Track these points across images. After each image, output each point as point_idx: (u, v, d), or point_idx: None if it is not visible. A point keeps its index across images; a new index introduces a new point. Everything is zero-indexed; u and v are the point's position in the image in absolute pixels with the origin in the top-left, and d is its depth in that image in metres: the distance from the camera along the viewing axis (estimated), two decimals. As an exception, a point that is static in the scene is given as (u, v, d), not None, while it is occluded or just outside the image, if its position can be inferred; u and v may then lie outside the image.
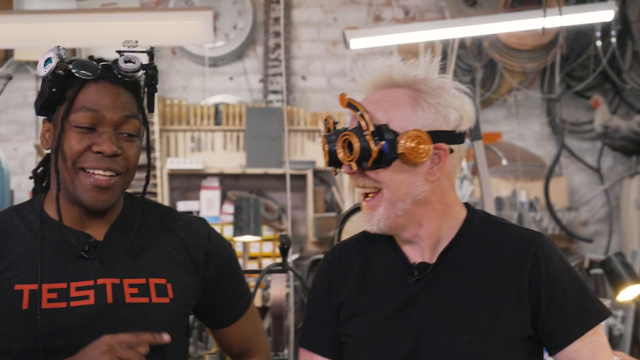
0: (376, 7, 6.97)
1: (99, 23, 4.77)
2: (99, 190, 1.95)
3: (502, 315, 1.90)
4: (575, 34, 6.73)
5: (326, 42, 7.05)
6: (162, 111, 6.62)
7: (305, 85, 7.03)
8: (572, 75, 7.00)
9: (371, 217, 1.94)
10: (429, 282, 1.95)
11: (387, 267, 2.00)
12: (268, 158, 6.60)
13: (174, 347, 2.01)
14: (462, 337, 1.89)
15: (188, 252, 2.07)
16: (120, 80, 1.99)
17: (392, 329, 1.94)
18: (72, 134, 1.93)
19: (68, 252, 1.96)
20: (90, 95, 1.95)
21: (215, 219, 6.63)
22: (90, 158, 1.93)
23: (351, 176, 1.96)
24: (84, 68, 1.94)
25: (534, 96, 7.05)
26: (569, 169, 7.09)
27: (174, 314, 2.01)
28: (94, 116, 1.94)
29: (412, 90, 1.93)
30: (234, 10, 6.93)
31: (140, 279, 1.99)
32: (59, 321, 1.90)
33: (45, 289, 1.92)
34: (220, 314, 2.19)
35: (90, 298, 1.93)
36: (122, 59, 1.99)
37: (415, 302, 1.94)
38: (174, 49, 6.94)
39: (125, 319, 1.94)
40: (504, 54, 6.77)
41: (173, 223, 2.11)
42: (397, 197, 1.91)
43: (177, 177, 6.78)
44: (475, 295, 1.92)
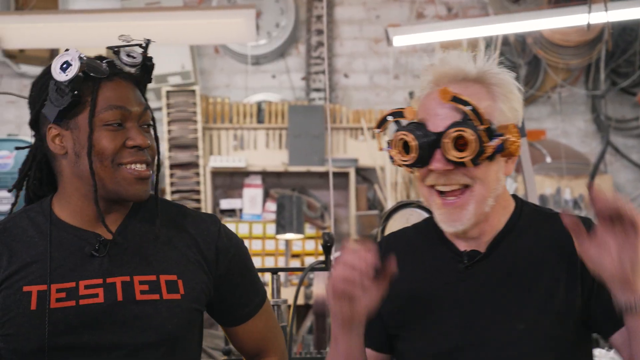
0: (419, 4, 6.95)
1: (142, 22, 4.81)
2: (141, 182, 1.97)
3: (555, 302, 1.88)
4: (620, 29, 6.67)
5: (368, 40, 7.04)
6: (205, 109, 6.65)
7: (347, 83, 7.03)
8: (618, 72, 6.94)
9: (459, 216, 1.89)
10: (479, 270, 1.93)
11: (436, 257, 1.99)
12: (310, 156, 6.60)
13: (187, 344, 2.03)
14: (517, 326, 1.88)
15: (199, 249, 2.07)
16: (129, 75, 2.01)
17: (445, 318, 1.93)
18: (103, 132, 1.95)
19: (77, 252, 1.98)
20: (110, 93, 1.96)
21: (258, 217, 6.65)
22: (127, 154, 1.95)
23: (440, 173, 1.88)
24: (98, 69, 1.96)
25: (579, 93, 6.99)
26: (614, 166, 7.02)
27: (186, 310, 2.01)
28: (121, 113, 1.96)
29: (484, 85, 1.91)
30: (276, 8, 6.94)
31: (151, 276, 1.99)
32: (68, 320, 1.91)
33: (54, 289, 1.93)
34: (233, 311, 2.17)
35: (99, 296, 1.94)
36: (123, 54, 2.00)
37: (466, 290, 1.92)
38: (217, 47, 6.97)
39: (136, 316, 1.95)
40: (548, 51, 6.72)
41: (183, 219, 2.11)
42: (488, 193, 1.89)
43: (219, 175, 6.81)
44: (527, 284, 1.90)
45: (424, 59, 6.97)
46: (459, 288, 1.93)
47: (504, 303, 1.90)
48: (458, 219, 1.89)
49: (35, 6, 6.58)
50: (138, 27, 4.86)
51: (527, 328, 1.88)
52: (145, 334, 1.95)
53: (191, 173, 6.58)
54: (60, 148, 1.99)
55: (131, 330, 1.94)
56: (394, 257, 1.83)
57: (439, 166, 1.87)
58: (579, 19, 4.97)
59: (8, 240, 1.99)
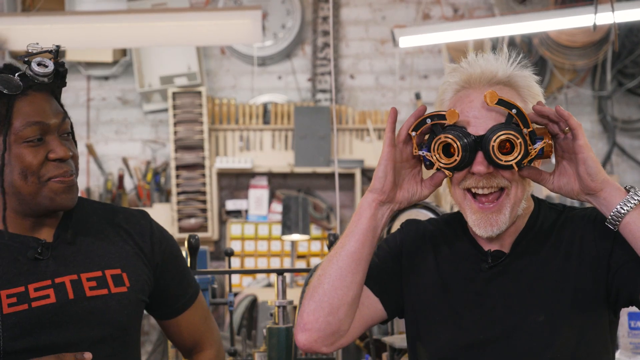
0: (425, 5, 6.94)
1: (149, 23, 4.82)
2: (68, 191, 2.01)
3: (574, 293, 1.92)
4: (627, 30, 6.66)
5: (374, 41, 7.04)
6: (211, 110, 6.66)
7: (353, 84, 7.03)
8: (624, 73, 6.93)
9: (496, 220, 1.92)
10: (503, 268, 1.97)
11: (459, 252, 2.03)
12: (316, 157, 6.61)
13: (135, 334, 2.12)
14: (537, 318, 1.92)
15: (135, 242, 2.13)
16: (44, 86, 2.01)
17: (468, 312, 1.97)
18: (25, 150, 1.96)
19: (20, 257, 2.00)
20: (27, 108, 1.97)
21: (264, 218, 6.65)
22: (51, 167, 1.98)
23: (481, 176, 1.91)
24: (10, 85, 1.95)
25: (585, 94, 6.98)
26: (621, 167, 7.01)
27: (134, 302, 2.08)
28: (40, 127, 1.97)
29: (513, 87, 1.96)
30: (282, 10, 6.94)
31: (97, 272, 2.04)
32: (22, 323, 1.94)
33: (3, 295, 1.95)
34: (170, 302, 2.23)
35: (51, 297, 1.98)
36: (34, 64, 1.99)
37: (489, 287, 1.97)
38: (223, 48, 6.98)
39: (88, 311, 2.00)
40: (554, 52, 6.71)
41: (115, 216, 2.16)
42: (523, 195, 1.94)
43: (225, 176, 6.81)
44: (546, 278, 1.94)
45: (430, 60, 6.98)
46: (482, 285, 1.98)
47: (524, 298, 1.94)
48: (495, 224, 1.93)
49: (42, 7, 6.59)
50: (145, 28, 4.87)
51: (548, 319, 1.92)
52: (99, 327, 2.01)
53: (197, 174, 6.59)
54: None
55: (86, 326, 1.99)
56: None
57: (481, 169, 1.89)
58: (585, 19, 4.97)
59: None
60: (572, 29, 6.35)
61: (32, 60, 2.00)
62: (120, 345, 2.05)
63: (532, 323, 1.93)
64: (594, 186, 1.85)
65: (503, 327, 1.94)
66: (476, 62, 1.98)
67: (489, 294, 1.96)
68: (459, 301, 1.99)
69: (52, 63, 2.02)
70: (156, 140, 6.97)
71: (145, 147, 6.96)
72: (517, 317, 1.94)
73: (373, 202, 1.96)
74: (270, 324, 2.86)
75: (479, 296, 1.97)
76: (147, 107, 6.90)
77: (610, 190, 1.85)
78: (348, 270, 1.95)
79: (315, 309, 1.96)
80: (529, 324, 1.93)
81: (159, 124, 6.96)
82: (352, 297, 1.96)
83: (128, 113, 6.94)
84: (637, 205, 1.84)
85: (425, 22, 6.93)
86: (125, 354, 2.07)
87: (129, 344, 2.09)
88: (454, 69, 2.01)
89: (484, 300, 1.96)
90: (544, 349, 1.92)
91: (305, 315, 1.97)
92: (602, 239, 1.94)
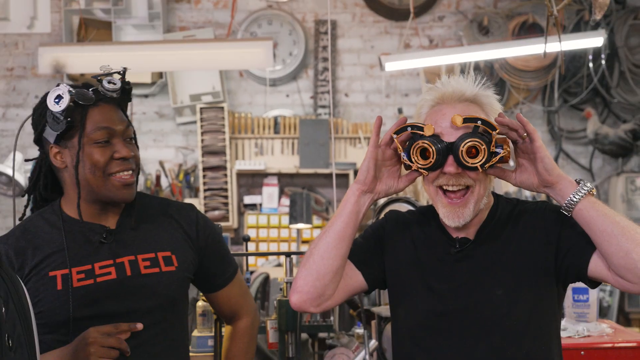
0: (406, 36, 6.93)
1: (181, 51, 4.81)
2: (127, 187, 2.04)
3: (529, 270, 1.93)
4: (571, 57, 6.66)
5: (365, 66, 7.02)
6: (231, 123, 6.65)
7: (347, 101, 7.02)
8: (569, 91, 6.92)
9: (461, 213, 1.93)
10: (468, 252, 1.98)
11: (432, 238, 2.03)
12: (317, 160, 6.60)
13: (181, 305, 2.13)
14: (497, 292, 1.93)
15: (183, 229, 2.14)
16: (112, 99, 2.04)
17: (439, 286, 1.97)
18: (94, 149, 2.00)
19: (89, 241, 2.04)
20: (97, 116, 2.01)
21: (275, 210, 6.65)
22: (115, 165, 2.02)
23: (451, 175, 1.92)
24: (85, 97, 2.00)
25: (536, 109, 6.97)
26: (566, 169, 7.00)
27: (180, 279, 2.09)
28: (107, 132, 2.01)
29: (478, 104, 1.96)
30: (289, 40, 6.93)
31: (150, 254, 2.07)
32: (89, 294, 1.98)
33: (74, 271, 1.99)
34: (212, 279, 2.23)
35: (112, 274, 2.01)
36: (105, 82, 2.04)
37: (457, 267, 1.97)
38: (241, 72, 6.97)
39: (142, 286, 2.02)
40: (511, 74, 6.70)
41: (168, 209, 2.18)
42: (484, 192, 1.94)
43: (243, 176, 6.81)
44: (505, 259, 1.95)
45: (410, 81, 6.97)
46: (451, 265, 1.98)
47: (486, 275, 1.95)
48: (462, 216, 1.94)
49: (94, 38, 6.59)
50: (177, 55, 4.86)
51: (505, 293, 1.92)
52: (151, 299, 2.03)
53: (220, 174, 6.58)
54: (61, 163, 2.05)
55: (141, 298, 2.02)
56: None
57: (452, 170, 1.91)
58: (536, 48, 4.97)
59: (30, 237, 2.05)
60: (526, 56, 6.35)
61: (104, 79, 2.03)
62: (169, 314, 2.06)
63: (492, 296, 1.93)
64: (551, 179, 1.86)
65: (469, 300, 1.94)
66: (448, 83, 1.99)
67: (457, 273, 1.97)
68: (432, 278, 1.99)
69: (120, 81, 2.05)
70: (187, 146, 6.95)
71: (178, 153, 6.95)
72: (481, 292, 1.94)
73: (357, 191, 2.00)
74: (280, 297, 2.86)
75: (448, 274, 1.97)
76: (179, 119, 6.89)
77: (564, 182, 1.86)
78: (333, 244, 1.97)
79: (305, 275, 1.99)
80: (490, 297, 1.93)
81: (189, 133, 6.95)
82: (337, 267, 1.98)
83: (164, 125, 6.93)
84: (587, 195, 1.85)
85: (406, 50, 6.91)
86: (173, 320, 2.09)
87: (177, 312, 2.10)
88: (430, 88, 2.02)
89: (453, 277, 1.97)
90: (502, 318, 1.92)
91: (298, 280, 2.00)
92: (551, 225, 1.94)
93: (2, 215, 6.89)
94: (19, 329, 1.45)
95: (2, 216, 6.89)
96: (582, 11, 6.65)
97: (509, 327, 1.92)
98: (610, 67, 6.77)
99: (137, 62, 4.75)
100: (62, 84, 2.00)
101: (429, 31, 7.02)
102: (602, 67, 6.68)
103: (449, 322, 1.96)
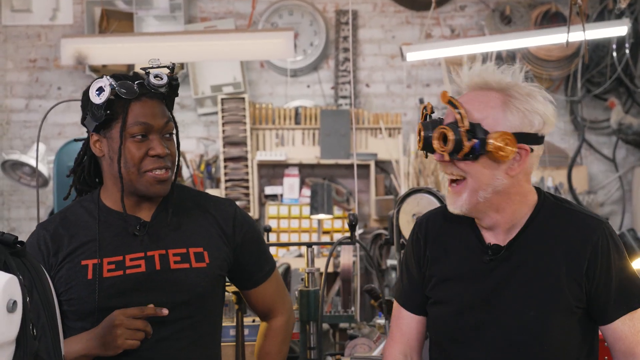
0: (427, 26, 6.90)
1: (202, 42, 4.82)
2: (161, 183, 2.03)
3: (563, 293, 1.84)
4: (594, 46, 6.59)
5: (386, 56, 7.00)
6: (252, 113, 6.66)
7: (368, 92, 7.00)
8: (592, 81, 6.86)
9: (455, 200, 1.87)
10: (501, 262, 1.89)
11: (466, 243, 1.95)
12: (338, 151, 6.59)
13: (212, 300, 2.10)
14: (528, 312, 1.84)
15: (219, 225, 2.12)
16: (155, 94, 2.03)
17: (470, 298, 1.90)
18: (130, 143, 1.99)
19: (123, 232, 2.04)
20: (138, 110, 1.99)
21: (296, 201, 6.65)
22: (149, 162, 2.01)
23: (441, 163, 1.88)
24: (128, 91, 1.98)
25: (559, 99, 6.91)
26: (589, 159, 6.95)
27: (210, 276, 2.07)
28: (145, 127, 2.00)
29: (504, 95, 1.84)
30: (310, 31, 6.92)
31: (182, 249, 2.05)
32: (117, 286, 1.98)
33: (105, 262, 2.00)
34: (248, 276, 2.20)
35: (142, 267, 2.01)
36: (151, 76, 2.02)
37: (488, 278, 1.89)
38: (262, 62, 6.97)
39: (170, 281, 2.01)
40: (534, 64, 6.65)
41: (205, 203, 2.16)
42: (480, 187, 1.85)
43: (264, 167, 6.82)
44: (541, 275, 1.85)
45: (431, 71, 6.94)
46: (483, 274, 1.90)
47: (519, 291, 1.86)
48: (453, 203, 1.88)
49: (115, 30, 6.61)
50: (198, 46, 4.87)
51: (537, 315, 1.84)
52: (179, 294, 2.01)
53: (241, 165, 6.59)
54: (99, 151, 2.05)
55: (168, 293, 2.01)
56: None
57: (436, 157, 1.88)
58: (559, 37, 4.92)
59: (67, 225, 2.06)
60: (549, 45, 6.29)
61: (151, 73, 2.02)
62: (197, 310, 2.04)
63: (523, 316, 1.85)
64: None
65: (498, 316, 1.87)
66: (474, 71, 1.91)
67: (488, 283, 1.89)
68: (461, 287, 1.92)
69: (167, 77, 2.03)
70: (208, 137, 6.97)
71: (199, 143, 6.97)
72: (511, 309, 1.86)
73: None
74: (301, 287, 2.86)
75: (479, 284, 1.90)
76: (201, 110, 6.91)
77: None
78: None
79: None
80: (521, 317, 1.85)
81: (210, 124, 6.97)
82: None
83: (185, 115, 6.95)
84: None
85: (428, 40, 6.88)
86: (201, 316, 2.07)
87: (207, 309, 2.08)
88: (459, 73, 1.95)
89: (484, 287, 1.89)
90: (533, 341, 1.85)
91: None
92: (598, 260, 1.84)
93: (26, 206, 6.95)
94: (43, 318, 1.46)
95: (26, 207, 6.96)
96: (606, 0, 6.58)
97: (537, 353, 1.85)
98: (635, 57, 6.70)
99: (158, 53, 4.76)
100: (105, 76, 2.00)
101: (451, 21, 6.98)
102: (626, 57, 6.61)
103: (475, 335, 1.89)
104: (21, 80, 6.98)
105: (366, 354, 2.91)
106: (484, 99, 1.85)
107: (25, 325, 1.37)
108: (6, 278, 1.32)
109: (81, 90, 7.14)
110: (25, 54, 6.97)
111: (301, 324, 2.81)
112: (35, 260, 1.52)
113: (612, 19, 6.39)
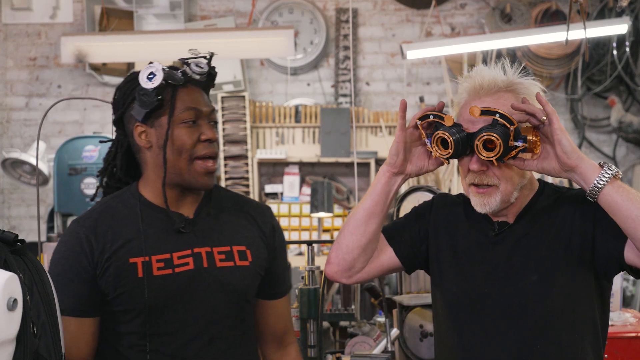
0: (427, 24, 6.90)
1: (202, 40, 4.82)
2: (209, 175, 2.02)
3: (565, 258, 1.91)
4: (595, 44, 6.60)
5: (386, 54, 7.00)
6: (252, 111, 6.66)
7: (368, 90, 7.00)
8: (592, 79, 6.86)
9: (488, 201, 1.93)
10: (506, 236, 1.97)
11: (474, 222, 2.03)
12: (338, 149, 6.59)
13: (253, 302, 2.12)
14: (531, 277, 1.92)
15: (258, 226, 2.12)
16: (198, 82, 2.04)
17: (475, 269, 1.98)
18: (182, 130, 1.98)
19: (168, 228, 2.01)
20: (186, 97, 1.99)
21: (296, 199, 6.66)
22: (201, 147, 1.99)
23: (476, 173, 1.91)
24: (175, 78, 1.99)
25: (559, 97, 6.91)
26: (589, 157, 6.93)
27: (253, 274, 2.07)
28: (195, 112, 1.99)
29: (513, 93, 1.91)
30: (310, 29, 6.92)
31: (226, 247, 2.04)
32: (168, 284, 1.96)
33: (154, 259, 1.97)
34: (273, 285, 2.18)
35: (190, 264, 1.99)
36: (193, 65, 2.03)
37: (493, 251, 1.97)
38: (262, 60, 6.97)
39: (217, 278, 2.00)
40: (534, 62, 6.65)
41: (245, 204, 2.16)
42: (513, 188, 1.93)
43: (264, 165, 6.82)
44: (543, 245, 1.94)
45: (432, 69, 6.94)
46: (489, 248, 1.98)
47: (522, 260, 1.94)
48: (488, 204, 1.93)
49: (115, 28, 6.61)
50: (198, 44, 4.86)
51: (540, 279, 1.91)
52: (224, 292, 2.01)
53: (241, 163, 6.60)
54: (146, 142, 2.02)
55: (214, 290, 2.00)
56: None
57: (475, 167, 1.90)
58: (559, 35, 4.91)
59: (107, 220, 2.01)
60: (549, 44, 6.29)
61: (192, 62, 2.03)
62: (241, 308, 2.05)
63: (527, 282, 1.92)
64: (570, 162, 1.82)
65: (502, 284, 1.93)
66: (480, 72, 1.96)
67: (493, 257, 1.96)
68: (467, 260, 2.00)
69: (207, 65, 2.05)
70: (208, 135, 6.97)
71: (199, 142, 6.96)
72: (515, 277, 1.93)
73: (387, 172, 2.03)
74: (301, 285, 2.86)
75: (484, 257, 1.98)
76: (201, 108, 6.90)
77: (585, 166, 1.82)
78: (362, 221, 2.04)
79: (336, 249, 2.09)
80: (524, 283, 1.92)
81: (210, 122, 6.97)
82: (364, 243, 2.05)
83: (185, 114, 6.94)
84: (611, 179, 1.80)
85: (428, 38, 6.88)
86: (244, 315, 2.07)
87: (248, 307, 2.09)
88: (465, 77, 2.00)
89: (488, 261, 1.97)
90: (536, 304, 1.91)
91: (331, 252, 2.11)
92: (587, 212, 1.91)
93: (26, 204, 6.96)
94: (43, 316, 1.46)
95: (26, 205, 6.96)
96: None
97: (541, 315, 1.90)
98: (635, 55, 6.70)
99: (158, 51, 4.76)
100: (155, 62, 1.99)
101: (451, 19, 6.98)
102: (627, 55, 6.61)
103: (481, 305, 1.95)
104: (21, 78, 6.98)
105: (366, 352, 2.91)
106: (502, 100, 1.90)
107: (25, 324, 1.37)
108: (6, 276, 1.32)
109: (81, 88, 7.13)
110: (25, 52, 6.97)
111: (301, 322, 2.81)
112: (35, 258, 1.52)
113: (612, 17, 6.40)
